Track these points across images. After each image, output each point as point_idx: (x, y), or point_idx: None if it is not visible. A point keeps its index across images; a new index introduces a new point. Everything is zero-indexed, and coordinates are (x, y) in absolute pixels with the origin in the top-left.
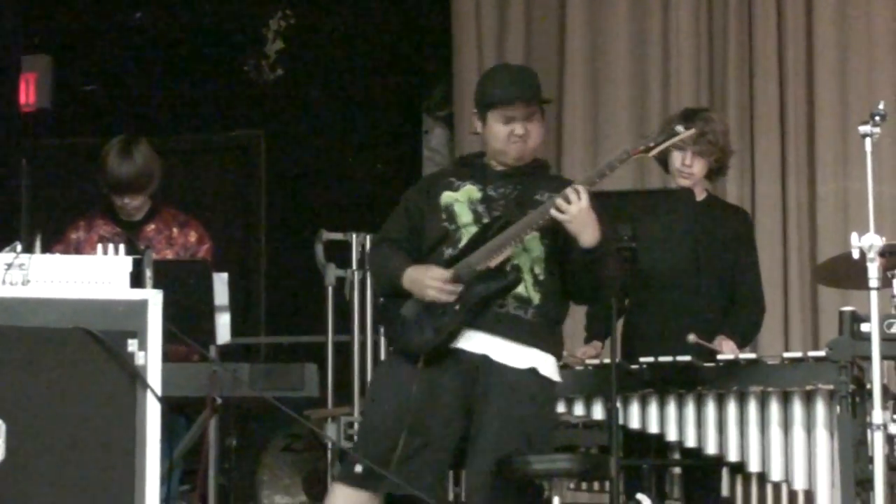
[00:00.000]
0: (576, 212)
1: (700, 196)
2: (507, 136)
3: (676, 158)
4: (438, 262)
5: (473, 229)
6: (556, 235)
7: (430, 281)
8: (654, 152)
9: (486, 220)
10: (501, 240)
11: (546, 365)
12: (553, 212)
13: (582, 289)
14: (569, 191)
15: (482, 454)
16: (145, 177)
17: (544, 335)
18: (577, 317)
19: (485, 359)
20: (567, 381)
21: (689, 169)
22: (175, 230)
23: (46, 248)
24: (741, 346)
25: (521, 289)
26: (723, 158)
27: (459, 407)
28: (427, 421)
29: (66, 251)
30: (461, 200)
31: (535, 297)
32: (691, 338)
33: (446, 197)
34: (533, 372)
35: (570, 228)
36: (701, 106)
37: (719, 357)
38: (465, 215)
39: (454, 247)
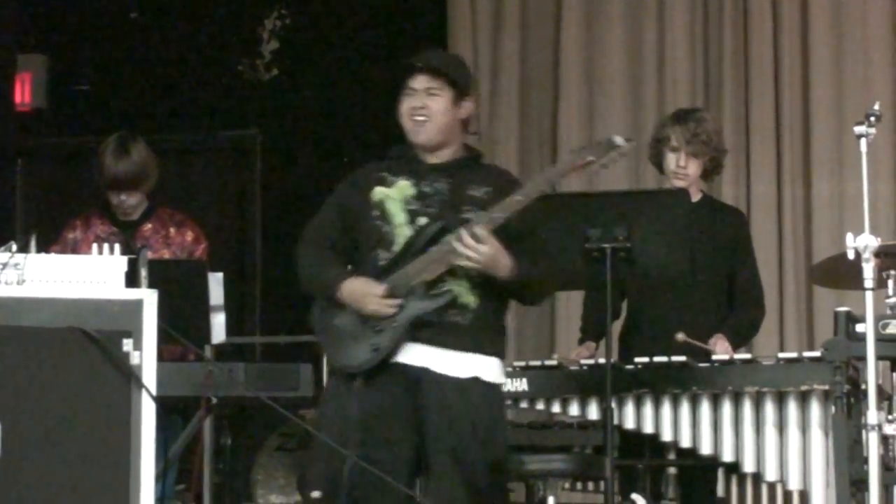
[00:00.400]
0: (483, 257)
1: (696, 197)
2: (407, 112)
3: (671, 160)
4: (373, 265)
5: (407, 231)
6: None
7: (370, 298)
8: (596, 166)
9: (420, 221)
10: (436, 255)
11: (488, 370)
12: (463, 261)
13: (520, 298)
14: (469, 240)
15: (440, 468)
16: (142, 174)
17: (485, 338)
18: (572, 317)
19: (425, 371)
20: (562, 382)
21: (683, 170)
22: (172, 230)
23: (42, 248)
24: (739, 346)
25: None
26: (717, 158)
27: (405, 421)
28: (373, 441)
29: (62, 251)
30: (394, 198)
31: (472, 302)
32: (680, 336)
33: (378, 193)
34: (475, 380)
35: (483, 269)
36: (694, 106)
37: (714, 357)
38: (398, 215)
39: (388, 250)
